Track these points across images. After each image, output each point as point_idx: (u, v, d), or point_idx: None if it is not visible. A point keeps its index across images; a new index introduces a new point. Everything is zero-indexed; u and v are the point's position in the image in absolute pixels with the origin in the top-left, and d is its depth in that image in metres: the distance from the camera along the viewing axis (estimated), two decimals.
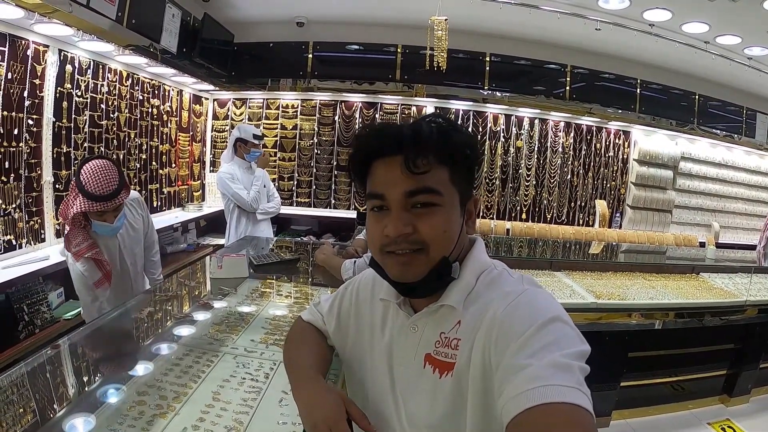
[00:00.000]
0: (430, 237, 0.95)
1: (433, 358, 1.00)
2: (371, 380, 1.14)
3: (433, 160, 0.94)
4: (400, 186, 0.94)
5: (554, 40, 5.93)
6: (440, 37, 4.44)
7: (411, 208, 0.95)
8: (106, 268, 2.48)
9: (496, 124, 6.59)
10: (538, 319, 0.84)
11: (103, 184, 2.31)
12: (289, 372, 1.18)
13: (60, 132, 3.79)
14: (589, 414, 0.71)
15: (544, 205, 6.79)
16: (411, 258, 0.96)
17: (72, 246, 2.40)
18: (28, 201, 3.51)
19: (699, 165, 7.09)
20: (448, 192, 0.96)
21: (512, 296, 0.92)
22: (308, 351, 1.23)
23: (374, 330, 1.16)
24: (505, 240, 5.57)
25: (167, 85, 5.46)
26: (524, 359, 0.79)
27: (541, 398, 0.72)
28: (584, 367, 0.78)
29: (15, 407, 1.38)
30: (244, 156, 4.25)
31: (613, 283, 3.52)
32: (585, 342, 0.84)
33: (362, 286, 1.24)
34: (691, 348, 3.50)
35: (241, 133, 4.25)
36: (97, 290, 2.47)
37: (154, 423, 1.30)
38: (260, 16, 5.96)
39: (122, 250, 2.66)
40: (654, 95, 6.55)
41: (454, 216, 0.98)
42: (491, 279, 1.01)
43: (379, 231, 0.97)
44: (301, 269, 3.10)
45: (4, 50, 3.22)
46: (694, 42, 5.24)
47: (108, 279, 2.49)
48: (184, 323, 2.01)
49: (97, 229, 2.44)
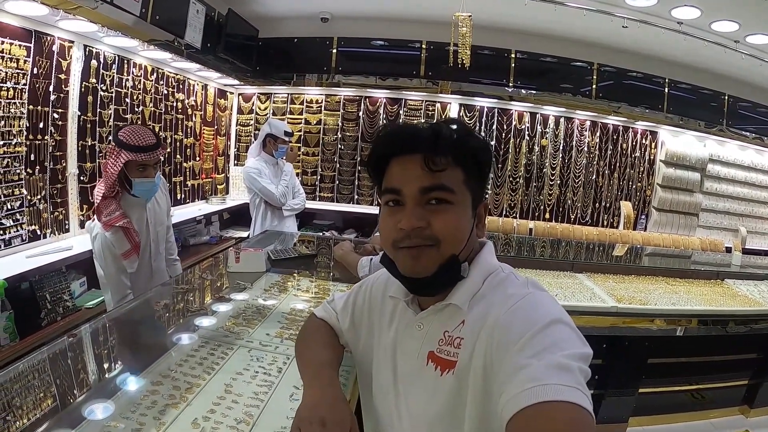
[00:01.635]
0: (443, 233, 0.97)
1: (436, 355, 1.02)
2: (376, 375, 1.17)
3: (450, 160, 0.98)
4: (417, 182, 0.97)
5: (581, 37, 5.86)
6: (464, 33, 4.40)
7: (425, 204, 0.98)
8: (135, 239, 2.53)
9: (521, 122, 6.54)
10: (540, 321, 0.86)
11: (144, 138, 2.42)
12: (302, 367, 1.20)
13: (85, 125, 3.86)
14: (588, 413, 0.72)
15: (568, 205, 6.72)
16: (422, 252, 0.98)
17: (103, 216, 2.44)
18: (53, 192, 3.59)
19: (727, 168, 6.93)
20: (462, 192, 0.99)
21: (515, 298, 0.94)
22: (323, 348, 1.25)
23: (382, 326, 1.18)
24: (527, 240, 5.53)
25: (192, 79, 5.52)
26: (525, 359, 0.80)
27: (540, 397, 0.73)
28: (585, 369, 0.79)
29: (36, 392, 1.41)
30: (272, 152, 4.22)
31: (635, 287, 3.46)
32: (587, 344, 0.85)
33: (376, 285, 1.26)
34: (713, 356, 3.42)
35: (272, 128, 4.21)
36: (124, 262, 2.50)
37: (165, 413, 1.31)
38: (285, 11, 6.00)
39: (149, 225, 2.69)
40: (682, 95, 6.40)
41: (465, 216, 1.01)
42: (497, 281, 1.02)
43: (393, 225, 1.00)
44: (320, 264, 3.11)
45: (29, 46, 3.28)
46: (724, 41, 5.12)
47: (136, 251, 2.54)
48: (200, 315, 2.02)
49: (137, 187, 2.49)
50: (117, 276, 2.51)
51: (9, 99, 3.16)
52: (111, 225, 2.43)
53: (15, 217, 3.29)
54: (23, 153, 3.31)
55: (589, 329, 2.91)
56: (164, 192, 2.89)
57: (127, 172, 2.45)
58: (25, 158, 3.33)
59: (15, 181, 3.26)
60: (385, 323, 1.18)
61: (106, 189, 2.44)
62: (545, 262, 3.92)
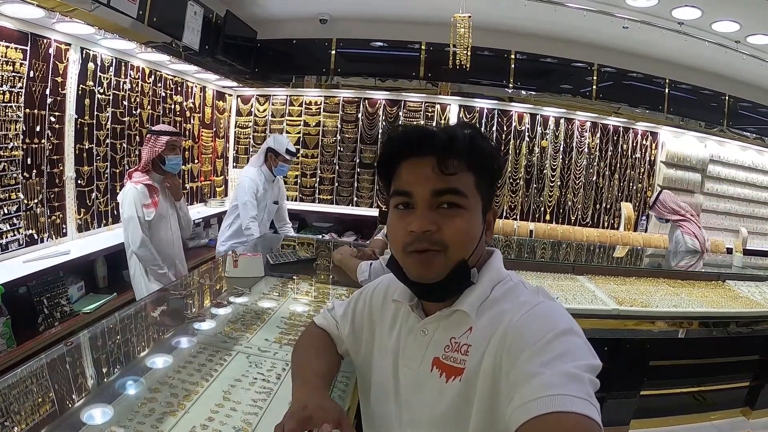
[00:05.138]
0: (452, 238, 0.96)
1: (442, 362, 1.00)
2: (375, 380, 1.16)
3: (462, 164, 0.97)
4: (429, 185, 0.96)
5: (581, 38, 5.85)
6: (463, 34, 4.39)
7: (437, 208, 0.97)
8: (154, 197, 3.17)
9: (521, 124, 6.52)
10: (553, 330, 0.85)
11: (171, 127, 3.48)
12: (295, 376, 1.19)
13: (82, 129, 3.84)
14: (597, 426, 0.72)
15: (568, 207, 6.71)
16: (431, 257, 0.97)
17: (135, 177, 3.15)
18: (50, 196, 3.57)
19: (728, 168, 6.91)
20: (473, 197, 0.99)
21: (528, 306, 0.93)
22: (317, 358, 1.24)
23: (382, 331, 1.17)
24: (527, 242, 5.51)
25: (190, 81, 5.51)
26: (536, 367, 0.80)
27: (551, 407, 0.73)
28: (594, 381, 0.79)
29: (34, 397, 1.41)
30: (272, 168, 4.13)
31: (636, 288, 3.44)
32: (596, 357, 0.85)
33: (376, 291, 1.25)
34: (715, 358, 3.40)
35: (274, 144, 4.10)
36: (145, 210, 3.13)
37: (163, 421, 1.30)
38: (283, 13, 5.99)
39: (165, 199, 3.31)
40: (683, 96, 6.40)
41: (476, 221, 1.00)
42: (507, 289, 1.02)
43: (403, 228, 0.99)
44: (319, 268, 3.09)
45: (26, 49, 3.26)
46: (725, 41, 5.11)
47: (155, 205, 3.18)
48: (198, 321, 2.00)
49: (169, 162, 3.23)
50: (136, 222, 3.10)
51: (5, 102, 3.14)
52: (140, 182, 3.13)
53: (12, 222, 3.26)
54: (20, 157, 3.28)
55: (591, 332, 2.88)
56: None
57: (164, 153, 3.19)
58: (22, 162, 3.31)
59: (12, 185, 3.24)
60: (385, 328, 1.16)
61: (141, 168, 3.18)
62: (546, 264, 3.89)
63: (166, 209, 3.30)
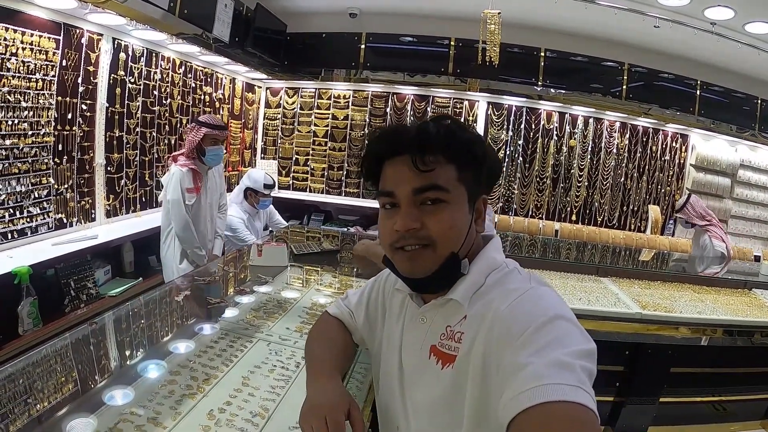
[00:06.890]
0: (438, 233, 0.98)
1: (438, 349, 1.02)
2: (384, 367, 1.19)
3: (440, 158, 0.98)
4: (409, 183, 0.98)
5: (612, 36, 5.77)
6: (493, 30, 4.36)
7: (420, 205, 0.99)
8: (197, 183, 3.38)
9: (549, 122, 6.45)
10: (541, 317, 0.84)
11: (217, 120, 3.54)
12: (308, 364, 1.22)
13: (113, 117, 3.90)
14: (591, 412, 0.71)
15: (595, 208, 6.61)
16: (418, 253, 0.99)
17: (180, 161, 3.35)
18: (80, 182, 3.64)
19: (759, 174, 6.71)
20: (456, 189, 0.99)
21: (516, 293, 0.93)
22: (330, 346, 1.26)
23: (391, 319, 1.20)
24: (552, 241, 5.46)
25: (220, 73, 5.56)
26: (525, 358, 0.79)
27: (541, 397, 0.72)
28: (587, 366, 0.77)
29: (57, 376, 1.45)
30: (254, 204, 4.19)
31: (660, 293, 3.38)
32: (590, 340, 0.83)
33: (389, 279, 1.26)
34: (737, 368, 3.33)
35: (250, 182, 4.14)
36: (187, 194, 3.32)
37: (182, 403, 1.33)
38: (313, 6, 6.03)
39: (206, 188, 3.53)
40: (714, 98, 6.23)
41: (461, 213, 1.01)
42: (500, 277, 1.02)
43: (389, 227, 1.01)
44: (343, 260, 3.10)
45: (59, 38, 3.31)
46: (758, 43, 5.00)
47: (197, 191, 3.39)
48: (222, 307, 2.04)
49: (209, 154, 3.39)
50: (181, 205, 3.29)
51: (38, 90, 3.20)
52: (185, 166, 3.32)
53: (42, 206, 3.33)
54: (51, 143, 3.35)
55: (613, 335, 2.86)
56: (220, 173, 3.79)
57: (203, 144, 3.35)
58: (53, 148, 3.37)
59: (43, 171, 3.31)
60: (394, 316, 1.19)
61: (186, 153, 3.37)
62: (570, 265, 3.85)
63: (206, 198, 3.52)
